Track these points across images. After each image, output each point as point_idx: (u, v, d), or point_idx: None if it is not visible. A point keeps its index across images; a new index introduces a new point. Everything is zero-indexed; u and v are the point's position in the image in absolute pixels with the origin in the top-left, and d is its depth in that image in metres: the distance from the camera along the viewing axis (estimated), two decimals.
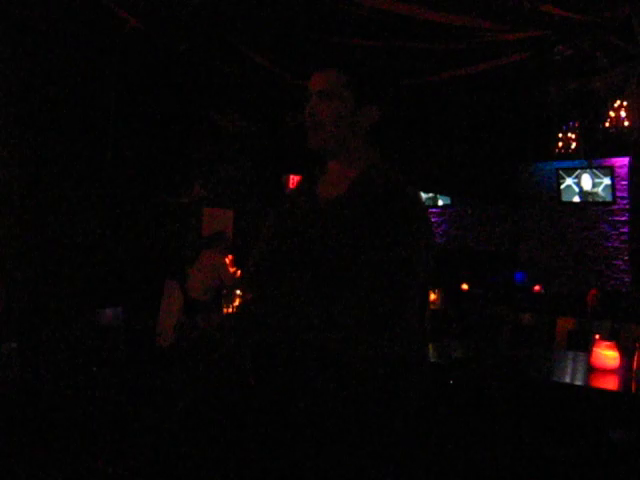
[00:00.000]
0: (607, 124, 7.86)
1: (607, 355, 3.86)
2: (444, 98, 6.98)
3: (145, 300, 6.27)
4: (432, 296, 7.88)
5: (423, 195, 12.23)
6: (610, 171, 9.97)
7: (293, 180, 8.72)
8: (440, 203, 12.13)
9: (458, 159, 9.24)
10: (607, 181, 10.01)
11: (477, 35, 5.01)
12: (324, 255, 1.75)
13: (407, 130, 8.05)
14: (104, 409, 4.23)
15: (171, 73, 6.39)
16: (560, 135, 9.05)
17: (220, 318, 5.78)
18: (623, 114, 7.63)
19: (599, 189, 10.15)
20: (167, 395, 4.53)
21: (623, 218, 9.98)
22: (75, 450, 3.89)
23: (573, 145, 9.04)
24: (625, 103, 7.62)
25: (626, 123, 7.66)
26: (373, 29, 5.16)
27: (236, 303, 5.74)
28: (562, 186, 10.53)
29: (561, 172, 10.48)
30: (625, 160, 9.82)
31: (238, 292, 5.80)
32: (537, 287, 9.84)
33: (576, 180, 10.37)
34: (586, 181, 10.26)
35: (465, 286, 9.07)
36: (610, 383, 3.76)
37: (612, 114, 7.74)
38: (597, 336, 4.40)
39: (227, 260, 6.59)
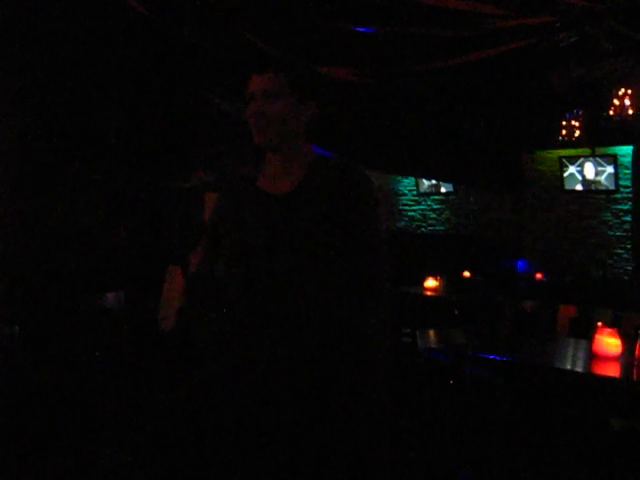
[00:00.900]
0: (611, 112, 7.84)
1: (609, 342, 3.87)
2: (447, 86, 6.94)
3: (147, 285, 6.27)
4: (434, 283, 7.88)
5: (425, 182, 12.20)
6: (613, 159, 9.94)
7: None
8: (443, 190, 12.09)
9: (461, 147, 9.20)
10: (610, 169, 9.98)
11: (480, 22, 4.97)
12: (289, 248, 1.84)
13: (409, 118, 8.03)
14: (106, 393, 4.24)
15: (174, 58, 6.37)
16: (564, 123, 9.03)
17: None
18: (627, 102, 7.61)
19: (602, 177, 10.12)
20: (170, 380, 4.54)
21: (626, 207, 9.96)
22: (77, 435, 3.91)
23: (577, 133, 9.02)
24: (630, 91, 7.60)
25: (630, 111, 7.64)
26: (375, 15, 5.12)
27: None
28: (565, 174, 10.50)
29: (564, 160, 10.45)
30: (629, 148, 9.79)
31: None
32: (539, 275, 9.85)
33: (579, 168, 10.34)
34: (589, 169, 10.23)
35: (467, 273, 9.07)
36: (612, 370, 3.78)
37: (616, 102, 7.71)
38: (599, 323, 4.41)
39: None
